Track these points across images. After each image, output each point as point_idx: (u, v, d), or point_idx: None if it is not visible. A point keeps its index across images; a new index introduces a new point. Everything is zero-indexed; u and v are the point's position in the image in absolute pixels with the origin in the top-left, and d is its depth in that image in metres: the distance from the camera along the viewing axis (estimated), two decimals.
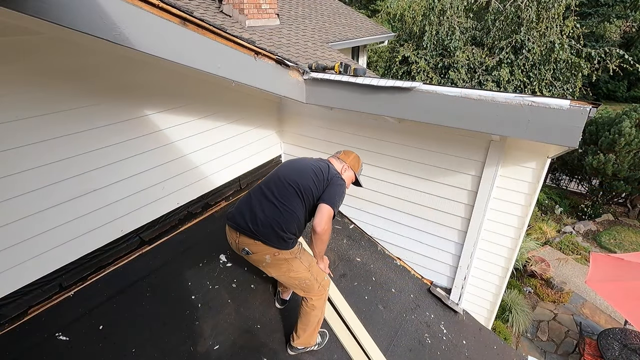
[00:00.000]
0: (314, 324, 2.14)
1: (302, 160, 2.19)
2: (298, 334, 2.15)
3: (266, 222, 1.88)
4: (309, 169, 2.06)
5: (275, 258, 1.93)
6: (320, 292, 2.08)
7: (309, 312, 2.08)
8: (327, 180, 2.03)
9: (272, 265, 1.97)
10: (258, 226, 1.88)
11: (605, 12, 16.86)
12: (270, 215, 1.89)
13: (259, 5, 5.61)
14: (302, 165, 2.10)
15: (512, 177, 2.45)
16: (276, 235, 1.88)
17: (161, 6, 1.58)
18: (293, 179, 1.99)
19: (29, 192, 1.86)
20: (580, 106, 1.77)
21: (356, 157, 2.34)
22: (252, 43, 2.15)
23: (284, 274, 2.00)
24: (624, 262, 4.69)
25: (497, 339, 2.96)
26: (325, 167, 2.11)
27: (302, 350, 2.23)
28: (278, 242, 1.89)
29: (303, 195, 1.95)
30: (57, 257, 2.08)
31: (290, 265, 1.97)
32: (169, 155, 2.52)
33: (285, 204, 1.92)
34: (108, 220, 2.27)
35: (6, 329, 1.92)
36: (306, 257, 2.07)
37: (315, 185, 2.00)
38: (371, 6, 19.08)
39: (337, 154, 2.34)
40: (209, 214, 2.96)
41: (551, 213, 9.19)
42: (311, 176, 2.01)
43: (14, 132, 1.74)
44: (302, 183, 1.97)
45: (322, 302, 2.14)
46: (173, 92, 2.42)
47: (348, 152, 2.36)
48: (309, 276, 2.02)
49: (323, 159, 2.26)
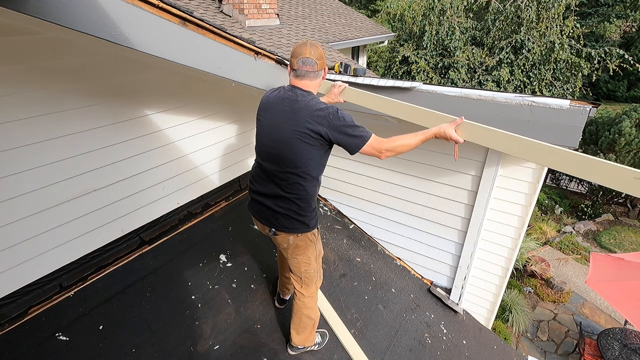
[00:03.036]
0: (307, 323, 2.12)
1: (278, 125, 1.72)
2: (292, 333, 2.14)
3: (281, 214, 1.81)
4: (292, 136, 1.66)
5: (298, 239, 1.88)
6: (313, 288, 2.06)
7: (300, 308, 2.06)
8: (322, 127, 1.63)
9: (295, 246, 1.91)
10: (277, 219, 1.82)
11: (605, 12, 16.86)
12: (282, 205, 1.79)
13: (259, 5, 5.61)
14: (283, 137, 1.69)
15: (512, 177, 2.45)
16: (292, 221, 1.82)
17: (161, 6, 1.58)
18: (285, 161, 1.70)
19: (29, 192, 1.86)
20: (580, 106, 1.77)
21: (317, 45, 1.74)
22: (252, 43, 2.15)
23: (299, 256, 1.94)
24: (624, 262, 4.69)
25: (497, 339, 2.96)
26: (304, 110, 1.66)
27: (302, 350, 2.23)
28: (298, 225, 1.83)
29: (303, 175, 1.73)
30: (57, 257, 2.08)
31: (307, 248, 1.93)
32: (169, 155, 2.52)
33: (292, 193, 1.76)
34: (108, 220, 2.27)
35: (6, 329, 1.92)
36: (319, 247, 2.03)
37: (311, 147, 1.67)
38: (371, 6, 19.07)
39: (307, 67, 1.72)
40: (209, 214, 2.96)
41: (551, 213, 9.19)
42: (300, 148, 1.66)
43: (14, 132, 1.74)
44: (297, 164, 1.69)
45: (314, 300, 2.11)
46: (173, 92, 2.42)
47: (314, 49, 1.72)
48: (314, 267, 2.00)
49: (289, 90, 1.76)
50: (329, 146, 1.73)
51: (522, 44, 8.10)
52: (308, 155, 1.68)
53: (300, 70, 1.73)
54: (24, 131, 1.77)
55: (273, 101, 1.79)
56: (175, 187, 2.64)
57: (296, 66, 1.72)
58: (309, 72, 1.73)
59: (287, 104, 1.72)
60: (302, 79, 1.74)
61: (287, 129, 1.68)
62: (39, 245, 1.98)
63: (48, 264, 2.05)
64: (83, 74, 1.93)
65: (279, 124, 1.71)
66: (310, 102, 1.68)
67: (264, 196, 1.84)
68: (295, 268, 2.00)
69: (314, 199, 1.83)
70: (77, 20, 1.31)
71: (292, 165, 1.70)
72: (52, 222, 2.00)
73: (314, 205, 1.86)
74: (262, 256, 2.77)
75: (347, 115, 1.68)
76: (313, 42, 1.74)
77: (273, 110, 1.77)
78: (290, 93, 1.74)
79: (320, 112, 1.64)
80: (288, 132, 1.67)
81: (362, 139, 1.66)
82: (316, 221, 1.91)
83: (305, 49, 1.71)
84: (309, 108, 1.66)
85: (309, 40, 1.76)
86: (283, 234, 1.86)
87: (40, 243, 1.98)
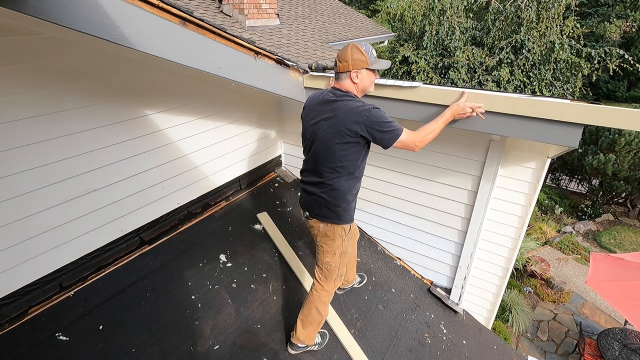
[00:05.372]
0: (315, 317, 2.16)
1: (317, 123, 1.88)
2: (298, 326, 2.18)
3: (315, 202, 1.98)
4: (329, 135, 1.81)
5: (327, 228, 2.01)
6: (331, 285, 2.14)
7: (315, 299, 2.13)
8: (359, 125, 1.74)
9: (324, 234, 2.04)
10: (312, 206, 2.01)
11: (605, 12, 16.85)
12: (318, 194, 1.95)
13: (259, 5, 5.61)
14: (321, 135, 1.85)
15: (512, 177, 2.45)
16: (324, 210, 1.96)
17: (161, 6, 1.58)
18: (322, 156, 1.86)
19: (29, 192, 1.86)
20: (580, 103, 1.77)
21: (353, 47, 1.82)
22: (252, 43, 2.15)
23: (325, 245, 2.06)
24: (624, 262, 4.70)
25: (497, 339, 2.96)
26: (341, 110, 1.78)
27: (302, 349, 2.24)
28: (329, 214, 1.97)
29: (339, 170, 1.86)
30: (57, 257, 2.08)
31: (334, 241, 2.03)
32: (169, 155, 2.52)
33: (327, 183, 1.91)
34: (108, 220, 2.27)
35: (6, 329, 1.92)
36: (347, 244, 2.09)
37: (346, 145, 1.79)
38: (371, 6, 19.08)
39: (336, 69, 1.88)
40: (209, 214, 2.96)
41: (551, 213, 9.19)
42: (337, 145, 1.79)
43: (14, 132, 1.74)
44: (333, 160, 1.83)
45: (329, 296, 2.17)
46: (173, 92, 2.42)
47: (343, 52, 1.83)
48: (337, 262, 2.08)
49: (330, 91, 1.90)
50: (365, 143, 1.83)
51: (522, 44, 8.09)
52: (343, 152, 1.81)
53: (335, 72, 1.89)
54: (24, 131, 1.77)
55: (315, 101, 1.96)
56: (175, 187, 2.64)
57: (337, 69, 1.88)
58: (337, 73, 1.88)
59: (326, 104, 1.87)
60: (336, 80, 1.91)
61: (325, 128, 1.83)
62: (39, 245, 1.98)
63: (48, 264, 2.05)
64: (83, 74, 1.93)
65: (318, 122, 1.87)
66: (347, 102, 1.80)
67: (305, 184, 2.04)
68: (319, 256, 2.12)
69: (350, 193, 1.94)
70: (77, 20, 1.31)
71: (328, 161, 1.85)
72: (52, 222, 2.00)
73: (350, 199, 1.96)
74: (262, 256, 2.77)
75: (382, 112, 1.77)
76: (352, 44, 1.84)
77: (314, 109, 1.93)
78: (331, 94, 1.88)
79: (356, 111, 1.76)
80: (325, 131, 1.82)
81: (394, 134, 1.76)
82: (350, 218, 2.01)
83: (339, 51, 1.85)
84: (345, 108, 1.78)
85: (351, 42, 1.89)
86: (315, 220, 2.03)
87: (40, 243, 1.98)
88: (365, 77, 1.87)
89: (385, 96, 2.21)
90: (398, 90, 2.18)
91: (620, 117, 1.68)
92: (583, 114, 1.74)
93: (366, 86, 1.91)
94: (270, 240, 2.91)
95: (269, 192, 3.36)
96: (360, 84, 1.87)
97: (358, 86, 1.87)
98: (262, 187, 3.38)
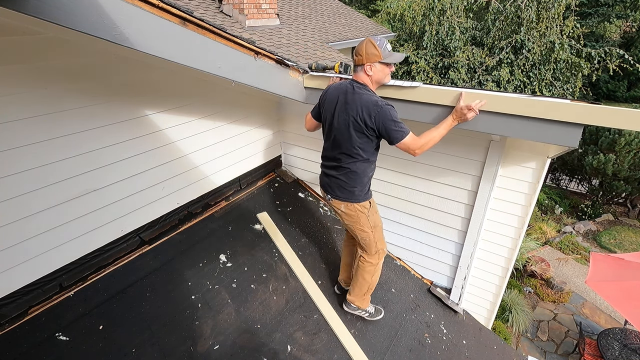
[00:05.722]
0: (363, 284, 2.35)
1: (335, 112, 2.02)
2: (350, 289, 2.44)
3: (335, 184, 2.15)
4: (345, 123, 1.96)
5: (348, 208, 2.17)
6: (374, 257, 2.30)
7: (360, 269, 2.32)
8: (370, 118, 1.87)
9: (346, 214, 2.19)
10: (332, 188, 2.18)
11: (605, 12, 16.85)
12: (337, 176, 2.12)
13: (259, 5, 5.62)
14: (338, 123, 2.00)
15: (512, 177, 2.45)
16: (343, 191, 2.13)
17: (161, 6, 1.58)
18: (340, 143, 2.03)
19: (29, 192, 1.86)
20: (579, 104, 1.77)
21: (368, 42, 1.93)
22: (252, 43, 2.15)
23: (353, 224, 2.22)
24: (624, 262, 4.70)
25: (497, 339, 2.96)
26: (357, 102, 1.91)
27: (355, 310, 2.47)
28: (347, 195, 2.13)
29: (355, 156, 2.03)
30: (57, 257, 2.08)
31: (358, 218, 2.18)
32: (169, 155, 2.52)
33: (344, 167, 2.08)
34: (108, 220, 2.27)
35: (6, 329, 1.92)
36: (373, 219, 2.23)
37: (361, 134, 1.94)
38: (371, 6, 19.09)
39: (354, 62, 2.02)
40: (209, 214, 2.96)
41: (551, 213, 9.19)
42: (353, 133, 1.95)
43: (14, 132, 1.74)
44: (349, 147, 2.00)
45: (373, 267, 2.33)
46: (173, 92, 2.42)
47: (359, 46, 1.96)
48: (371, 236, 2.24)
49: (349, 83, 2.03)
50: (376, 135, 1.95)
51: (522, 44, 8.10)
52: (359, 140, 1.96)
53: (354, 65, 2.02)
54: (24, 131, 1.77)
55: (333, 91, 2.08)
56: (175, 187, 2.64)
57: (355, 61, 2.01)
58: (355, 65, 2.01)
59: (344, 95, 1.99)
60: (354, 72, 2.03)
61: (342, 116, 1.97)
62: (39, 245, 1.98)
63: (48, 264, 2.05)
64: (83, 74, 1.93)
65: (336, 111, 2.01)
66: (363, 95, 1.92)
67: (327, 168, 2.21)
68: (354, 233, 2.29)
69: (365, 175, 2.12)
70: (77, 20, 1.31)
71: (345, 148, 2.01)
72: (52, 222, 2.00)
73: (366, 181, 2.14)
74: (262, 256, 2.77)
75: (394, 111, 1.89)
76: (367, 39, 1.95)
77: (332, 99, 2.06)
78: (349, 86, 2.00)
79: (370, 105, 1.88)
80: (342, 119, 1.97)
81: (401, 134, 1.88)
82: (367, 195, 2.19)
83: (356, 46, 1.97)
84: (361, 100, 1.91)
85: (367, 37, 2.00)
86: (336, 201, 2.19)
87: (40, 243, 1.98)
88: (379, 70, 1.98)
89: (385, 96, 2.21)
90: (398, 91, 2.19)
91: (620, 117, 1.68)
92: (583, 114, 1.75)
93: (380, 78, 2.03)
94: (270, 240, 2.91)
95: (269, 192, 3.36)
96: (374, 76, 1.99)
97: (372, 78, 2.00)
98: (262, 187, 3.38)
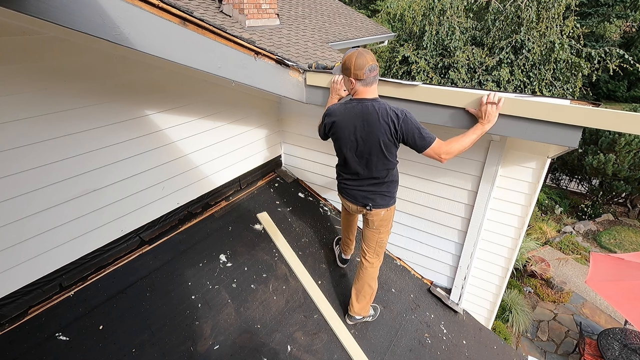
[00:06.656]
0: (368, 291, 2.39)
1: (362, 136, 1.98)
2: (353, 300, 2.43)
3: (377, 195, 2.16)
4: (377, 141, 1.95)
5: (387, 212, 2.22)
6: (377, 260, 2.37)
7: (366, 276, 2.36)
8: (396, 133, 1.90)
9: (382, 219, 2.23)
10: (373, 200, 2.17)
11: (605, 12, 16.85)
12: (378, 188, 2.15)
13: (259, 5, 5.62)
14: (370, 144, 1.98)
15: (512, 177, 2.45)
16: (384, 199, 2.17)
17: (161, 6, 1.58)
18: (376, 162, 2.04)
19: (28, 192, 1.86)
20: (580, 106, 1.77)
21: (359, 56, 1.89)
22: (252, 43, 2.15)
23: (384, 226, 2.26)
24: (624, 262, 4.70)
25: (497, 339, 2.96)
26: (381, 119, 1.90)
27: (359, 320, 2.48)
28: (388, 200, 2.19)
29: (391, 167, 2.09)
30: (57, 257, 2.08)
31: (390, 218, 2.26)
32: (169, 155, 2.52)
33: (386, 181, 2.13)
34: (108, 220, 2.27)
35: (6, 329, 1.92)
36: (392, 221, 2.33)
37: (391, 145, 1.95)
38: (371, 6, 19.09)
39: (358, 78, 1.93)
40: (209, 214, 2.96)
41: (551, 213, 9.19)
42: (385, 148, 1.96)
43: (14, 132, 1.74)
44: (385, 161, 2.03)
45: (377, 270, 2.39)
46: (173, 92, 2.42)
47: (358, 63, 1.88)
48: (387, 237, 2.33)
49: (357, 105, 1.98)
50: (399, 141, 1.97)
51: (522, 44, 8.09)
52: (391, 152, 1.99)
53: (369, 78, 1.92)
54: (24, 131, 1.77)
55: (348, 117, 2.00)
56: (175, 187, 2.64)
57: (364, 76, 1.90)
58: (376, 77, 1.96)
59: (363, 118, 1.94)
60: (371, 85, 1.96)
61: (369, 141, 1.95)
62: (39, 245, 1.98)
63: (48, 264, 2.05)
64: (83, 74, 1.93)
65: (359, 138, 1.98)
66: (380, 109, 1.91)
67: (362, 185, 2.17)
68: (374, 237, 2.29)
69: (398, 177, 2.21)
70: (77, 20, 1.31)
71: (382, 165, 2.03)
72: (52, 222, 2.00)
73: (398, 182, 2.23)
74: (262, 256, 2.77)
75: (413, 117, 1.91)
76: (366, 50, 1.93)
77: (351, 125, 2.00)
78: (361, 107, 1.95)
79: (392, 114, 1.89)
80: (373, 139, 1.94)
81: (428, 141, 1.89)
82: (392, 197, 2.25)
83: (367, 58, 1.88)
84: (382, 114, 1.90)
85: (358, 48, 1.97)
86: (376, 210, 2.19)
87: (40, 243, 1.98)
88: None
89: (385, 95, 2.21)
90: (397, 88, 2.18)
91: (621, 120, 1.67)
92: (582, 118, 1.74)
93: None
94: (270, 240, 2.91)
95: (269, 192, 3.36)
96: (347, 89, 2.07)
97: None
98: (262, 187, 3.38)
